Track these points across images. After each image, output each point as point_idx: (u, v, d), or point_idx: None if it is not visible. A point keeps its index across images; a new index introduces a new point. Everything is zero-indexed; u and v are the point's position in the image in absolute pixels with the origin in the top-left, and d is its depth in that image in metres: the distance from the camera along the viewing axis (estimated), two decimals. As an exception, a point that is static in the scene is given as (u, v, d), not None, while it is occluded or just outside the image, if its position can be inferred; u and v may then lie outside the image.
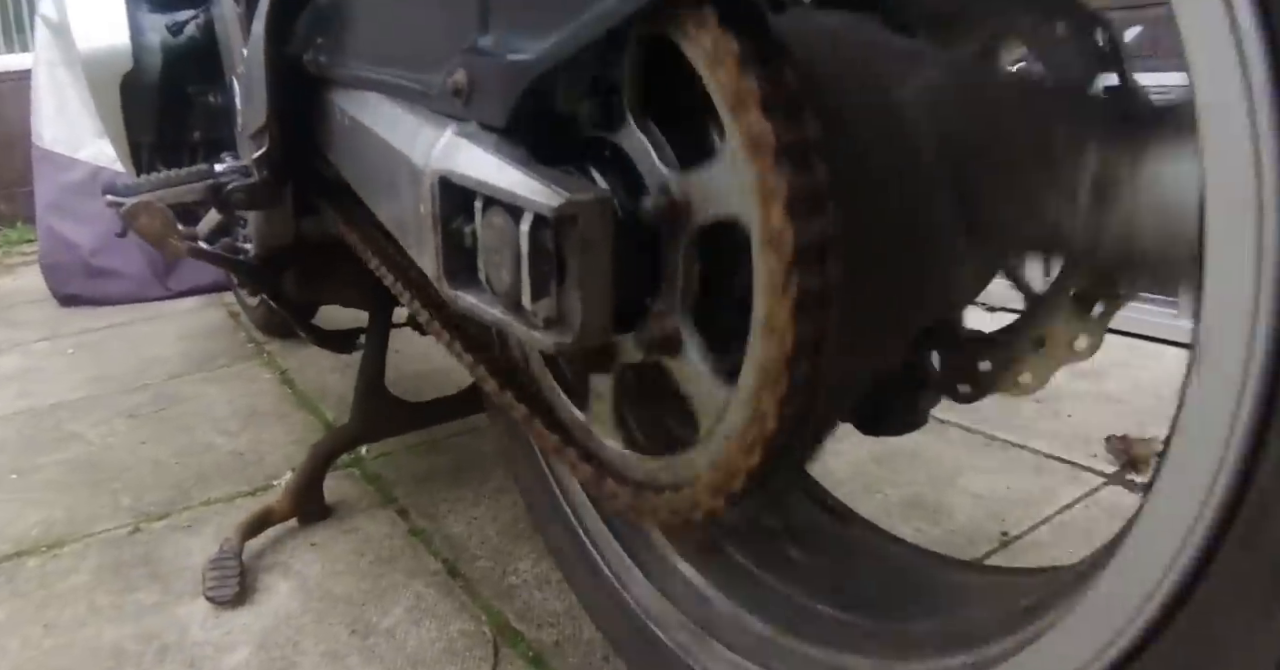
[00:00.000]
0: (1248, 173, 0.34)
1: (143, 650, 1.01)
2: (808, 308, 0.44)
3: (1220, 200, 0.35)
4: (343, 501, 1.30)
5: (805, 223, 0.43)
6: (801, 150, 0.44)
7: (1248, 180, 0.34)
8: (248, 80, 1.02)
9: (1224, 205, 0.35)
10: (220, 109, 1.43)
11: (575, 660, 0.93)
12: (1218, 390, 0.36)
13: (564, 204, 0.49)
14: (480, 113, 0.59)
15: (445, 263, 0.60)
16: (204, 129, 1.49)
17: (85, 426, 1.69)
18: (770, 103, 0.43)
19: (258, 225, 1.16)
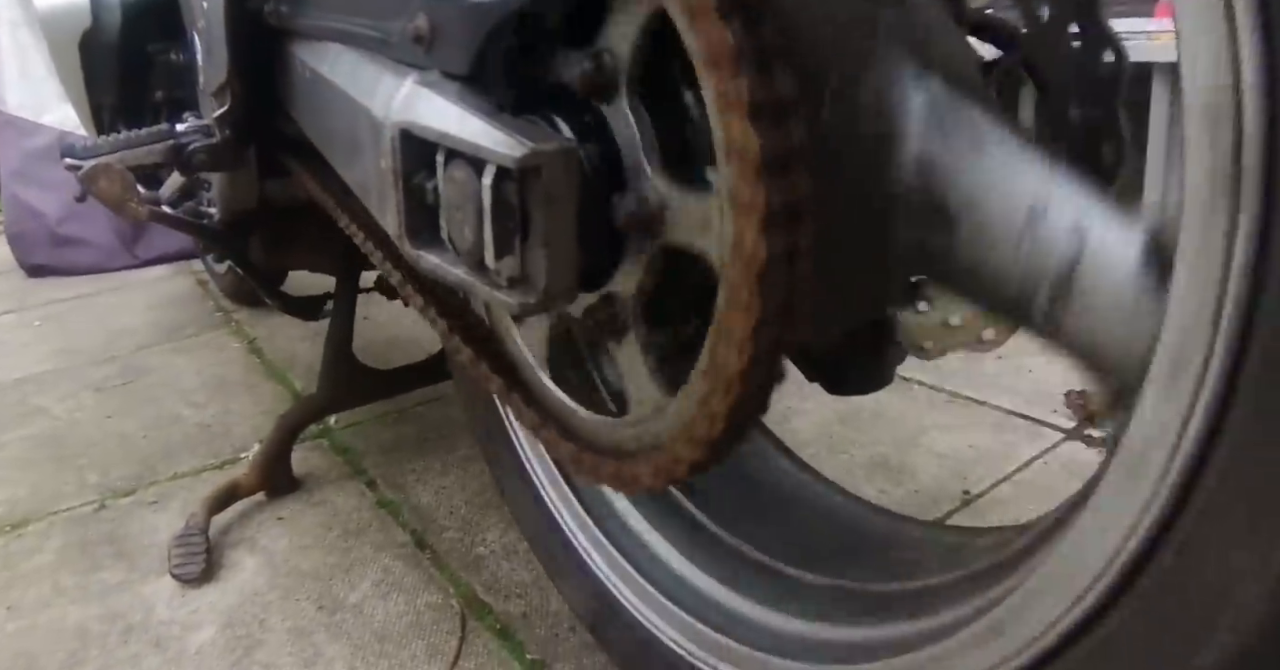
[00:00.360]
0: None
1: (107, 631, 1.00)
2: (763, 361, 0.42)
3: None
4: (311, 473, 1.28)
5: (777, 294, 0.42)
6: (792, 212, 0.42)
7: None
8: (208, 35, 0.98)
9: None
10: (182, 67, 1.38)
11: (542, 631, 0.93)
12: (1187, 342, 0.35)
13: (527, 155, 0.46)
14: (442, 60, 0.56)
15: (407, 220, 0.58)
16: (166, 88, 1.44)
17: (51, 400, 1.66)
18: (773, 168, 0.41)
19: (221, 188, 1.12)
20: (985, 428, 1.27)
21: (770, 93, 0.40)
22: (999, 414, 1.31)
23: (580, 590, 0.81)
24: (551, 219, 0.48)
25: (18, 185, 2.59)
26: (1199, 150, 0.33)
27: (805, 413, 1.33)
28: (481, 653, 0.91)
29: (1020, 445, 1.22)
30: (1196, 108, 0.33)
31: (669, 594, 0.74)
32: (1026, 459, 1.18)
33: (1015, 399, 1.34)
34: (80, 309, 2.22)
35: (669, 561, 0.77)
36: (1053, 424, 1.27)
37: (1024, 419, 1.29)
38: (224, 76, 0.93)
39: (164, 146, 1.01)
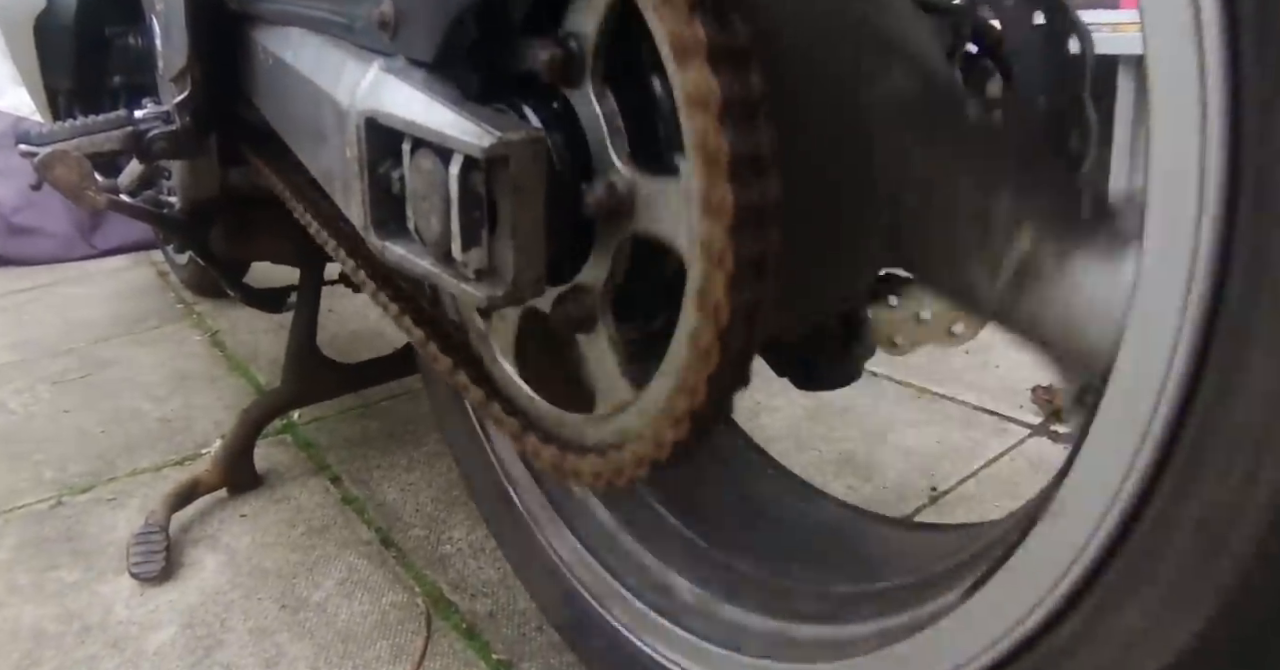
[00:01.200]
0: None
1: (63, 631, 0.98)
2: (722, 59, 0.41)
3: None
4: (274, 469, 1.26)
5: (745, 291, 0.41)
6: (759, 213, 0.41)
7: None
8: (166, 18, 0.96)
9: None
10: (141, 51, 1.35)
11: (509, 631, 0.92)
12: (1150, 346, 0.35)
13: (494, 144, 0.45)
14: (408, 47, 0.55)
15: (372, 211, 0.57)
16: (125, 73, 1.41)
17: (6, 394, 1.62)
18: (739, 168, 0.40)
19: (182, 176, 1.10)
20: (952, 423, 1.28)
21: (741, 88, 0.40)
22: (966, 409, 1.32)
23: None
24: (519, 210, 0.47)
25: (-29, 172, 2.52)
26: (1164, 140, 0.33)
27: (774, 409, 1.33)
28: (447, 653, 0.90)
29: (987, 441, 1.22)
30: (1162, 98, 0.33)
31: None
32: (993, 455, 1.18)
33: (982, 394, 1.35)
34: (37, 300, 2.18)
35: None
36: (1019, 419, 1.28)
37: (990, 414, 1.30)
38: (184, 62, 0.91)
39: (122, 133, 0.98)
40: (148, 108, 1.02)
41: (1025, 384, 1.35)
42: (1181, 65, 0.32)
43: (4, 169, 2.51)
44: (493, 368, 0.67)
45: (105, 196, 1.05)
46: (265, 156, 1.00)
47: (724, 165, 0.40)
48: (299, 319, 1.23)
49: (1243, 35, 0.30)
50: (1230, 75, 0.31)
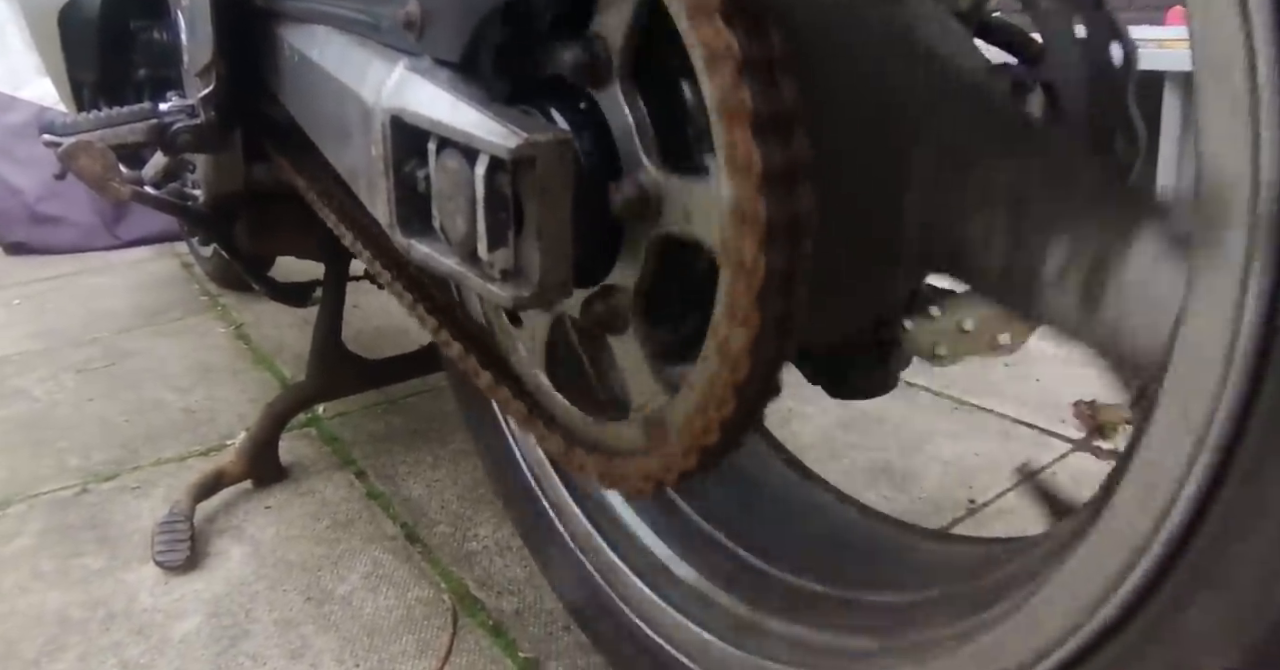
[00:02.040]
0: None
1: (88, 618, 0.98)
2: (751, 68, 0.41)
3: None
4: (298, 462, 1.26)
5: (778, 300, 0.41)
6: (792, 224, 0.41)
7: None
8: (192, 13, 0.96)
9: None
10: (166, 45, 1.35)
11: (536, 629, 0.92)
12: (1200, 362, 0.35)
13: (521, 145, 0.45)
14: (434, 46, 0.55)
15: (398, 209, 0.57)
16: (150, 66, 1.41)
17: (31, 382, 1.63)
18: (771, 173, 0.40)
19: (206, 170, 1.11)
20: (991, 435, 1.27)
21: (771, 101, 0.39)
22: (1005, 422, 1.31)
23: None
24: (546, 211, 0.47)
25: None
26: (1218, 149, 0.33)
27: (806, 416, 1.32)
28: (473, 649, 0.89)
29: (1026, 452, 1.22)
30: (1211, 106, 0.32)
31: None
32: (1034, 469, 1.18)
33: (1021, 408, 1.34)
34: (60, 289, 2.19)
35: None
36: (1060, 434, 1.27)
37: (1030, 428, 1.29)
38: (209, 57, 0.91)
39: (146, 126, 0.99)
40: (172, 101, 1.02)
41: (1066, 398, 1.34)
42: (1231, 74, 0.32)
43: (27, 159, 2.53)
44: (518, 366, 0.67)
45: (129, 188, 1.05)
46: (288, 152, 1.00)
47: (756, 173, 0.40)
48: (324, 314, 1.23)
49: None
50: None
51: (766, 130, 0.40)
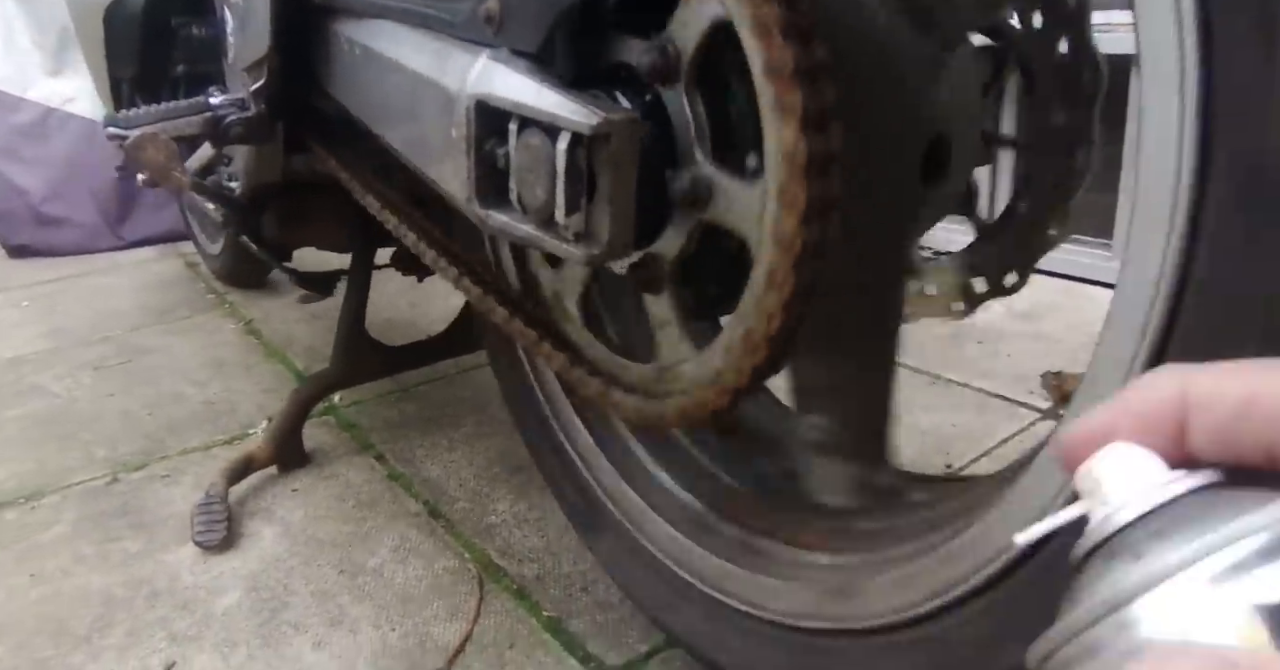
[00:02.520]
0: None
1: (133, 595, 1.05)
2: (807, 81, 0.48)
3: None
4: (319, 448, 1.33)
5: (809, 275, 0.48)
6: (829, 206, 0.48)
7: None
8: (244, 10, 1.02)
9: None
10: (204, 41, 1.41)
11: (557, 592, 0.99)
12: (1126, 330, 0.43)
13: (600, 123, 0.53)
14: (512, 39, 0.61)
15: (477, 184, 0.63)
16: (187, 62, 1.47)
17: (48, 379, 1.68)
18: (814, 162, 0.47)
19: (247, 162, 1.16)
20: (966, 408, 1.35)
21: (819, 102, 0.47)
22: (979, 395, 1.39)
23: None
24: (617, 181, 0.54)
25: (2, 162, 2.57)
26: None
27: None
28: (500, 611, 0.96)
29: (999, 424, 1.30)
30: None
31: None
32: (1004, 436, 1.26)
33: (994, 381, 1.42)
34: (68, 290, 2.24)
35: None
36: (1030, 404, 1.35)
37: (1002, 400, 1.37)
38: (263, 51, 0.96)
39: (202, 118, 1.04)
40: (224, 95, 1.08)
41: (1035, 372, 1.42)
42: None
43: (33, 159, 2.56)
44: (564, 323, 0.74)
45: (190, 178, 1.11)
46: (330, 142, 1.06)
47: (799, 163, 0.47)
48: (349, 302, 1.29)
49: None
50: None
51: (812, 126, 0.47)
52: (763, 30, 0.46)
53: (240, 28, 1.04)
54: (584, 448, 0.89)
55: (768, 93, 0.47)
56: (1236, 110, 0.39)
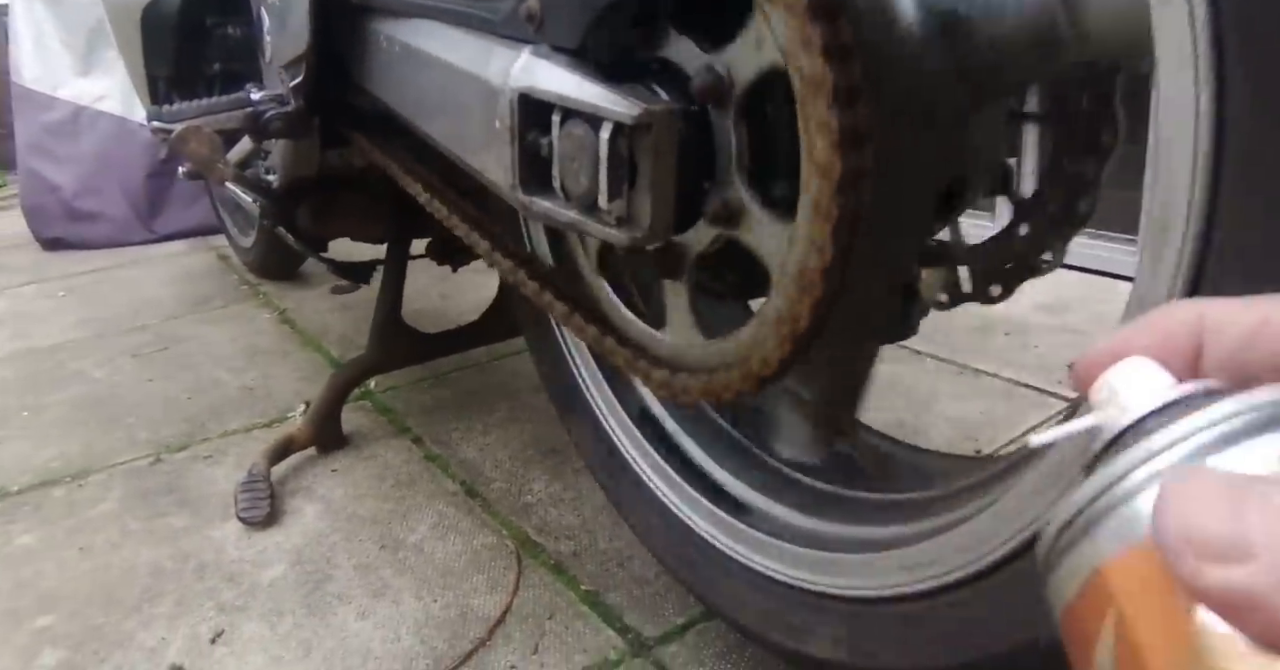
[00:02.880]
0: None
1: (181, 568, 1.08)
2: (852, 144, 0.50)
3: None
4: (357, 431, 1.36)
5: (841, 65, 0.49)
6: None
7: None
8: (282, 10, 1.06)
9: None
10: (239, 41, 1.45)
11: (593, 567, 1.02)
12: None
13: (642, 113, 0.55)
14: (553, 36, 0.64)
15: (520, 172, 0.66)
16: (222, 60, 1.51)
17: (89, 366, 1.72)
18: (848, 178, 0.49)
19: (284, 155, 1.20)
20: (994, 396, 1.37)
21: (857, 165, 0.50)
22: (1007, 384, 1.41)
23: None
24: (657, 168, 0.57)
25: (34, 158, 2.63)
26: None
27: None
28: (538, 585, 0.99)
29: (1027, 411, 1.32)
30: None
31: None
32: (1033, 423, 1.28)
33: (1022, 371, 1.44)
34: (102, 281, 2.28)
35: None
36: (1057, 394, 1.37)
37: (1030, 389, 1.39)
38: (302, 49, 1.00)
39: (243, 113, 1.08)
40: (263, 91, 1.12)
41: (1063, 362, 1.45)
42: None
43: (64, 156, 2.62)
44: (597, 296, 0.77)
45: (232, 170, 1.15)
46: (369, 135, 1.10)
47: (832, 233, 0.50)
48: (385, 290, 1.32)
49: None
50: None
51: (847, 187, 0.50)
52: (814, 89, 0.48)
53: (278, 27, 1.08)
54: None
55: (810, 146, 0.50)
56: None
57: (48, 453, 1.39)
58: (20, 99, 2.64)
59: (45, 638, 0.98)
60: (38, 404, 1.57)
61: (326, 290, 2.02)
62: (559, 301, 0.77)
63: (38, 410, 1.55)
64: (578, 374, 1.00)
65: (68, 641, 0.97)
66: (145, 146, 2.54)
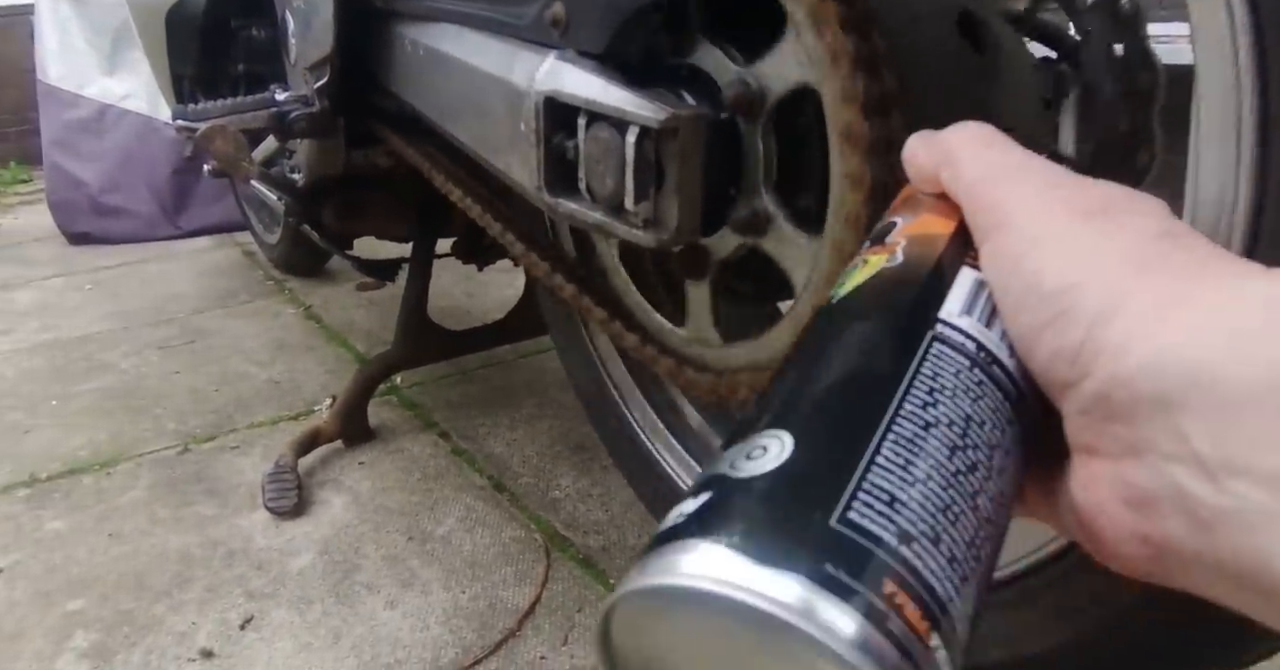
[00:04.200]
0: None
1: (210, 555, 1.09)
2: (879, 154, 0.51)
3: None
4: (384, 425, 1.37)
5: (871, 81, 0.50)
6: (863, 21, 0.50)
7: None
8: (307, 13, 1.07)
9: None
10: (263, 42, 1.47)
11: (622, 562, 1.02)
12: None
13: (668, 118, 0.56)
14: (578, 41, 0.65)
15: (546, 174, 0.67)
16: (246, 61, 1.53)
17: (116, 357, 1.74)
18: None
19: (309, 155, 1.21)
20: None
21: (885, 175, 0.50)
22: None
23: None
24: (684, 171, 0.57)
25: (59, 155, 2.66)
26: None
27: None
28: (567, 578, 1.00)
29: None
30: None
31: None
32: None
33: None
34: (128, 275, 2.30)
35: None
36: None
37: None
38: (327, 51, 1.01)
39: (268, 113, 1.09)
40: (288, 92, 1.13)
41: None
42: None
43: (91, 153, 2.65)
44: (619, 290, 0.78)
45: (257, 168, 1.16)
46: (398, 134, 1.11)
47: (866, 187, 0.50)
48: (411, 286, 1.33)
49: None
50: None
51: (878, 197, 0.50)
52: (845, 104, 0.49)
53: (303, 29, 1.09)
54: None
55: (839, 166, 0.50)
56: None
57: (76, 441, 1.40)
58: (45, 97, 2.66)
59: (77, 621, 0.98)
60: (66, 393, 1.59)
61: (352, 287, 2.03)
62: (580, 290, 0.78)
63: (66, 400, 1.56)
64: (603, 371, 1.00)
65: (99, 625, 0.98)
66: (170, 144, 2.56)
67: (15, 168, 3.77)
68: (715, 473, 0.25)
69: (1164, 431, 0.23)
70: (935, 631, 0.22)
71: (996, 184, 0.30)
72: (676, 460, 0.90)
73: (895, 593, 0.21)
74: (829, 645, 0.20)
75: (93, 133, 2.66)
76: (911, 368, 0.26)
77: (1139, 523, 0.24)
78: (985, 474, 0.25)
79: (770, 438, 0.25)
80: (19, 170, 3.76)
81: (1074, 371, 0.25)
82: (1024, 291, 0.27)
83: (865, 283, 0.30)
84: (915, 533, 0.23)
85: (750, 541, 0.22)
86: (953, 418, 0.26)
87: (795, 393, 0.27)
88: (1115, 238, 0.26)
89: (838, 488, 0.23)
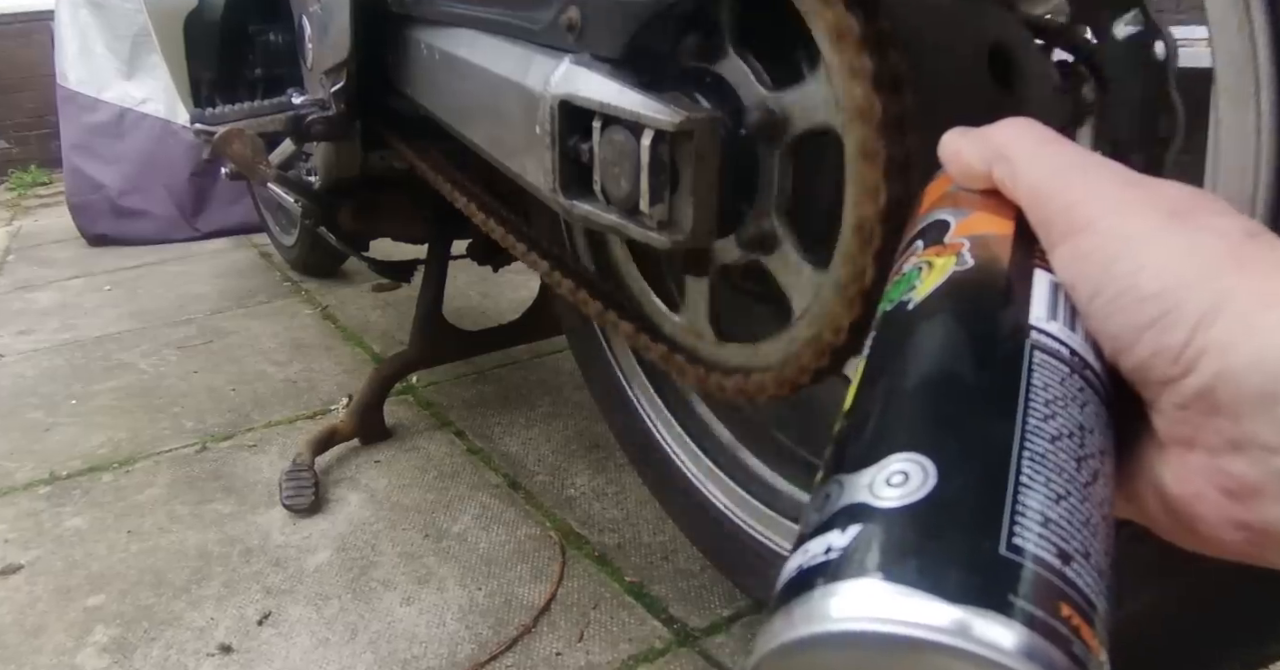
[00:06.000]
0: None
1: (228, 552, 1.09)
2: (895, 214, 0.50)
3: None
4: (400, 424, 1.37)
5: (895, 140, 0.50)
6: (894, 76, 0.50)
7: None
8: (324, 18, 1.08)
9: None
10: (280, 46, 1.48)
11: (638, 559, 1.02)
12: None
13: (683, 121, 0.56)
14: (593, 45, 0.65)
15: (561, 176, 0.67)
16: (263, 65, 1.54)
17: (135, 357, 1.75)
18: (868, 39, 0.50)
19: (326, 157, 1.22)
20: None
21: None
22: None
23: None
24: (699, 173, 0.57)
25: (79, 158, 2.68)
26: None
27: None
28: (582, 575, 1.00)
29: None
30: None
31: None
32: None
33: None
34: (147, 276, 2.32)
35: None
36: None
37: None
38: (344, 55, 1.02)
39: (285, 116, 1.10)
40: (305, 95, 1.14)
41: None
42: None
43: (110, 156, 2.67)
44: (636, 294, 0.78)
45: (274, 171, 1.17)
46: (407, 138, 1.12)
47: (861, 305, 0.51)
48: (427, 287, 1.34)
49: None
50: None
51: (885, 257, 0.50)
52: (866, 162, 0.49)
53: (320, 34, 1.10)
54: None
55: (851, 217, 0.50)
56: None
57: (96, 439, 1.42)
58: (65, 101, 2.69)
59: (97, 616, 0.99)
60: (85, 392, 1.60)
61: (368, 288, 2.04)
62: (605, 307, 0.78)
63: (85, 398, 1.58)
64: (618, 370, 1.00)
65: (118, 620, 0.98)
66: (188, 147, 2.58)
67: (35, 171, 3.82)
68: (855, 501, 0.23)
69: (1269, 425, 0.23)
70: (1104, 648, 0.22)
71: (1069, 183, 0.29)
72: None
73: (1071, 615, 0.21)
74: None
75: (112, 136, 2.69)
76: (1023, 380, 0.26)
77: (1239, 511, 0.25)
78: (1105, 481, 0.25)
79: (906, 462, 0.24)
80: (39, 173, 3.80)
81: (1175, 369, 0.25)
82: (1119, 294, 0.27)
83: (940, 287, 0.29)
84: (1070, 551, 0.22)
85: (931, 579, 0.21)
86: (1071, 428, 0.25)
87: (914, 411, 0.26)
88: (1208, 238, 0.26)
89: (996, 513, 0.22)
